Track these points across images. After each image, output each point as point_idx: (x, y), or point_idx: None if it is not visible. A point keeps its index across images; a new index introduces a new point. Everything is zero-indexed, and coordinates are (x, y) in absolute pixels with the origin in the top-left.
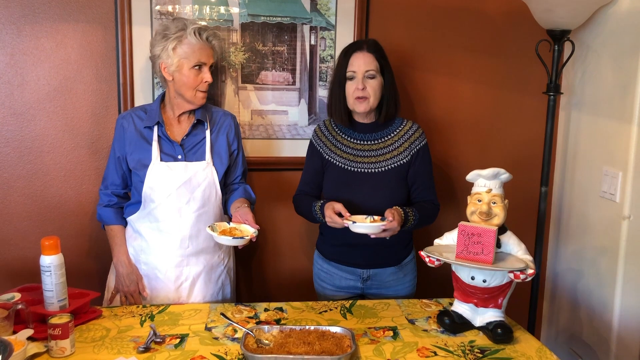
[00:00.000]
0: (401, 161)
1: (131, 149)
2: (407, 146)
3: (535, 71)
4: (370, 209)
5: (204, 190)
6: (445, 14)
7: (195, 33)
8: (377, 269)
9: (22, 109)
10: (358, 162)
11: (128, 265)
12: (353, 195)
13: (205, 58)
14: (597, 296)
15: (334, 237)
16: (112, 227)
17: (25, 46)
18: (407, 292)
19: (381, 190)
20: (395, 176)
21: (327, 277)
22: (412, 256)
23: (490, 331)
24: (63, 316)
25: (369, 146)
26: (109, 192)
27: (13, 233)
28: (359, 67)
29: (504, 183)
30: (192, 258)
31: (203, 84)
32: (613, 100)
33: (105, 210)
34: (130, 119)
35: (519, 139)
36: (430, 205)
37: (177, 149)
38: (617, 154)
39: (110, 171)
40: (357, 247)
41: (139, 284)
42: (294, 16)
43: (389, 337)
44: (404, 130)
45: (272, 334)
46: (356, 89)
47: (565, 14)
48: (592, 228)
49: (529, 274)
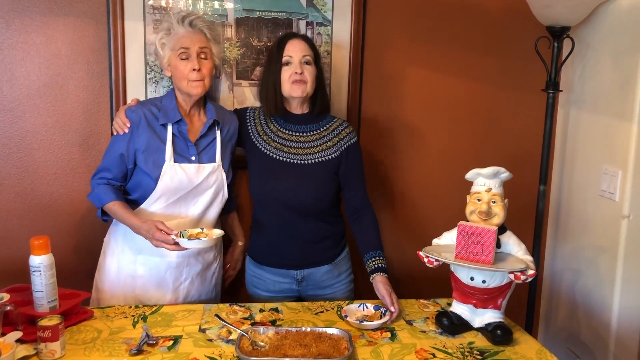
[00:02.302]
0: (329, 156)
1: (143, 146)
2: (336, 142)
3: (534, 68)
4: (292, 198)
5: (213, 192)
6: (443, 10)
7: (179, 21)
8: (311, 268)
9: (11, 105)
10: (285, 151)
11: (143, 223)
12: (277, 184)
13: (189, 43)
14: (596, 296)
15: (258, 237)
16: (112, 203)
17: (15, 40)
18: (344, 291)
19: (306, 182)
20: (322, 170)
21: (259, 283)
22: (345, 252)
23: (490, 332)
24: (53, 318)
25: (297, 137)
26: (104, 182)
27: (2, 232)
28: (296, 53)
29: (503, 182)
30: (192, 258)
31: (191, 72)
32: (613, 98)
33: (102, 187)
34: (142, 113)
35: (517, 137)
36: (372, 220)
37: (192, 149)
38: (616, 152)
39: (111, 165)
40: (286, 244)
41: (157, 225)
42: (289, 11)
43: (387, 338)
44: (333, 126)
45: (267, 335)
46: (294, 73)
47: (565, 10)
48: (591, 227)
49: (530, 275)
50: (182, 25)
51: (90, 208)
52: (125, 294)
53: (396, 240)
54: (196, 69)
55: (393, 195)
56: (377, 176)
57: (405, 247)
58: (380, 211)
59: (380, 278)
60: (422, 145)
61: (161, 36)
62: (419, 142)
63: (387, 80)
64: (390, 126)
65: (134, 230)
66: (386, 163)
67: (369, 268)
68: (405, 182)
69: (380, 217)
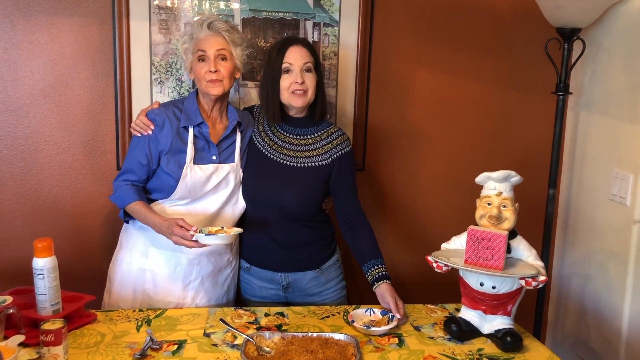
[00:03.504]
0: (320, 162)
1: (166, 148)
2: (329, 149)
3: (544, 70)
4: (275, 199)
5: (230, 192)
6: (452, 11)
7: (199, 25)
8: (296, 272)
9: (15, 105)
10: (278, 151)
11: (165, 221)
12: (263, 182)
13: (206, 45)
14: (606, 302)
15: (247, 235)
16: (135, 203)
17: (19, 40)
18: (334, 298)
19: (291, 184)
20: (310, 175)
21: (248, 288)
22: (334, 259)
23: (499, 339)
24: (56, 321)
25: (291, 139)
26: (128, 183)
27: (5, 233)
28: (296, 60)
29: (514, 186)
30: (204, 257)
31: (208, 73)
32: (623, 101)
33: (125, 188)
34: (165, 115)
35: (526, 140)
36: (367, 228)
37: (213, 149)
38: (627, 156)
39: (135, 167)
40: (271, 246)
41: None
42: (296, 12)
43: (394, 344)
44: (328, 132)
45: (273, 340)
46: (294, 83)
47: (576, 11)
48: (601, 232)
49: (541, 281)
50: (201, 28)
51: (94, 209)
52: (135, 287)
53: (404, 244)
54: (212, 71)
55: (401, 199)
56: (384, 179)
57: (413, 252)
58: (387, 215)
59: (386, 286)
60: (429, 147)
61: (184, 40)
62: (427, 144)
63: (394, 81)
64: (397, 128)
65: (155, 230)
66: (393, 166)
67: (370, 277)
68: (413, 185)
69: (388, 221)
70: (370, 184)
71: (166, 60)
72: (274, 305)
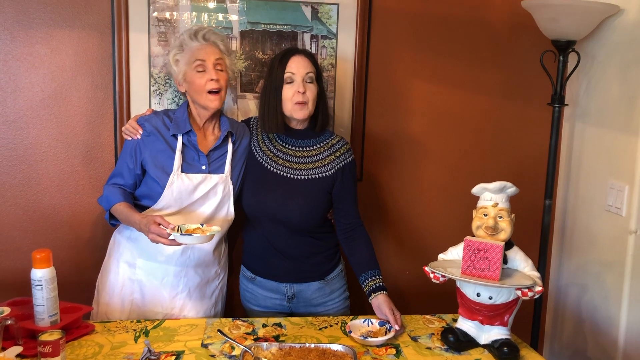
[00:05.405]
0: (324, 173)
1: (153, 154)
2: (332, 160)
3: (540, 82)
4: (279, 213)
5: (219, 203)
6: (449, 23)
7: (192, 36)
8: (301, 283)
9: (14, 116)
10: (280, 164)
11: (143, 218)
12: (265, 196)
13: (204, 55)
14: (602, 312)
15: (250, 246)
16: (119, 204)
17: (19, 52)
18: (338, 309)
19: (295, 197)
20: (315, 187)
21: (252, 298)
22: (339, 270)
23: (496, 349)
24: (54, 332)
25: (294, 152)
26: (116, 187)
27: (4, 244)
28: (298, 70)
29: (510, 197)
30: (191, 270)
31: (209, 82)
32: (619, 112)
33: (112, 189)
34: (155, 122)
35: (522, 151)
36: (366, 239)
37: (202, 159)
38: (623, 166)
39: (122, 170)
40: (275, 257)
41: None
42: (294, 24)
43: (392, 355)
44: (331, 143)
45: (270, 351)
46: (296, 93)
47: (571, 24)
48: (597, 242)
49: (537, 292)
50: (195, 39)
51: (92, 221)
52: (123, 298)
53: (401, 254)
54: (214, 79)
55: (398, 210)
56: (381, 190)
57: (410, 262)
58: (384, 225)
59: (383, 297)
60: (426, 158)
61: (174, 52)
62: (424, 155)
63: (391, 93)
64: (394, 139)
65: (136, 227)
66: (390, 176)
67: (367, 288)
68: (410, 196)
69: (385, 231)
70: (368, 195)
71: (165, 72)
72: (278, 316)
